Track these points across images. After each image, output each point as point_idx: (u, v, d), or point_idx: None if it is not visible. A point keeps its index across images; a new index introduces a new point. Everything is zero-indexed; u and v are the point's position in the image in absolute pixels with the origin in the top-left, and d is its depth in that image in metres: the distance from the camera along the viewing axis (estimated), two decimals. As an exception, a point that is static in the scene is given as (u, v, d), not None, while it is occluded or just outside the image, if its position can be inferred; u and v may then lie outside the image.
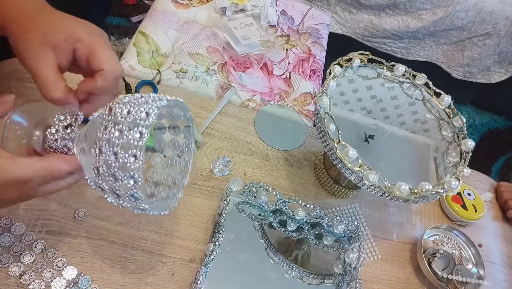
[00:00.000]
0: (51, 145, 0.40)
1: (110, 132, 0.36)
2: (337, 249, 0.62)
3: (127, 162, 0.35)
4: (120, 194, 0.38)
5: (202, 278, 0.53)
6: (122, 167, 0.35)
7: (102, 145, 0.36)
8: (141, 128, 0.35)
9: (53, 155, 0.39)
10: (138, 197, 0.37)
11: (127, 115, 0.36)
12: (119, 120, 0.36)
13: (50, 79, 0.40)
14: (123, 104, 0.37)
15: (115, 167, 0.36)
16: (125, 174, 0.36)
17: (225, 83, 0.96)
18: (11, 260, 0.50)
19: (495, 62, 1.74)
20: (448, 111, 0.66)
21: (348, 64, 0.66)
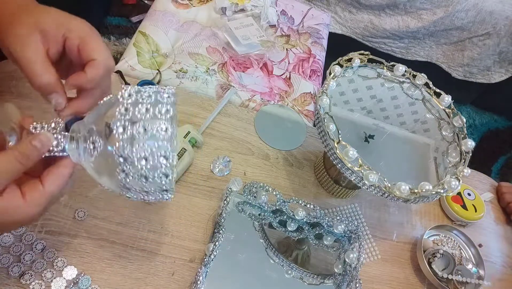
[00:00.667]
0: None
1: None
2: (337, 249, 0.62)
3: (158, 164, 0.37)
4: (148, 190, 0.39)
5: (202, 278, 0.53)
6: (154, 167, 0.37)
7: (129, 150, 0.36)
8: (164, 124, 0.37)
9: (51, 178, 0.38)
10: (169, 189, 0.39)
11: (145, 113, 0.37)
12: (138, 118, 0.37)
13: (38, 64, 0.38)
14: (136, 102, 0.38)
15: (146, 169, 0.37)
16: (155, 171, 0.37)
17: (225, 83, 0.96)
18: (11, 260, 0.50)
19: (495, 62, 1.74)
20: (448, 111, 0.66)
21: (348, 64, 0.66)
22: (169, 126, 0.37)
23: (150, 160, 0.37)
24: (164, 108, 0.38)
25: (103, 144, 0.38)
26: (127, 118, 0.37)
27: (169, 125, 0.37)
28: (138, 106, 0.38)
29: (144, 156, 0.37)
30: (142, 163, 0.37)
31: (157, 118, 0.37)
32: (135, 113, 0.37)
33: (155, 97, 0.39)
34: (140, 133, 0.37)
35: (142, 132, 0.37)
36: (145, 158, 0.37)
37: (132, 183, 0.38)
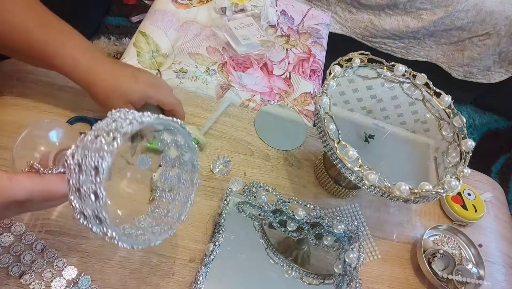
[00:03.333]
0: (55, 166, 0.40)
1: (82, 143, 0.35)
2: (337, 249, 0.62)
3: (90, 176, 0.33)
4: (87, 214, 0.34)
5: (202, 278, 0.53)
6: (85, 180, 0.33)
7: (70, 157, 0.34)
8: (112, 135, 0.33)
9: (52, 176, 0.38)
10: (103, 220, 0.34)
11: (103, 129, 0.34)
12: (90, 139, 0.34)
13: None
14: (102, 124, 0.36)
15: (79, 180, 0.33)
16: (88, 188, 0.33)
17: (225, 83, 0.96)
18: (11, 260, 0.50)
19: (495, 62, 1.74)
20: (448, 111, 0.66)
21: (348, 64, 0.66)
22: (118, 138, 0.33)
23: (83, 169, 0.33)
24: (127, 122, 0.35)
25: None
26: (93, 128, 0.35)
27: (119, 137, 0.33)
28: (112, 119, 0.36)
29: (78, 162, 0.33)
30: (76, 169, 0.33)
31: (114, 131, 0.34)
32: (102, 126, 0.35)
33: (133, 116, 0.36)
34: (89, 140, 0.34)
35: (91, 139, 0.34)
36: (78, 164, 0.33)
37: (74, 198, 0.34)
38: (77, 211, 0.35)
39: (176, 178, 0.48)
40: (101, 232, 0.35)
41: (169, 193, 0.48)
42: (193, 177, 0.47)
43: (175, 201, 0.47)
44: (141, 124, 0.35)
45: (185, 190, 0.47)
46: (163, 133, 0.47)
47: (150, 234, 0.44)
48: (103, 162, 0.32)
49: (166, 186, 0.49)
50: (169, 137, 0.47)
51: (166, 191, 0.48)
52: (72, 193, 0.34)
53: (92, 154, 0.33)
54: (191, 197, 0.46)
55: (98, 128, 0.35)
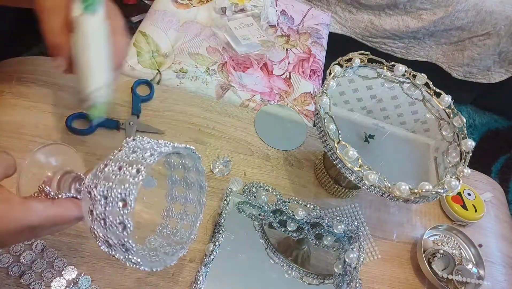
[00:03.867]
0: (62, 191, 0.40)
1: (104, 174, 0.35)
2: (337, 249, 0.62)
3: (116, 207, 0.33)
4: (112, 243, 0.35)
5: (202, 278, 0.53)
6: (111, 211, 0.34)
7: (93, 188, 0.35)
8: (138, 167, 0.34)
9: (65, 201, 0.38)
10: (130, 248, 0.35)
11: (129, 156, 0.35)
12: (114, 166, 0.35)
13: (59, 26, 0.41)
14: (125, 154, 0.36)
15: (105, 211, 0.34)
16: (114, 219, 0.34)
17: (225, 83, 0.96)
18: (11, 260, 0.50)
19: (495, 62, 1.74)
20: (448, 111, 0.66)
21: (348, 64, 0.66)
22: (142, 171, 0.34)
23: (109, 200, 0.34)
24: (148, 154, 0.36)
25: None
26: (112, 158, 0.36)
27: (143, 170, 0.34)
28: (130, 149, 0.37)
29: (104, 194, 0.34)
30: (102, 201, 0.34)
31: (137, 162, 0.35)
32: (122, 156, 0.36)
33: (151, 146, 0.37)
34: (112, 172, 0.35)
35: (114, 171, 0.35)
36: (104, 196, 0.34)
37: (97, 227, 0.35)
38: (101, 240, 0.35)
39: (183, 198, 0.48)
40: (124, 258, 0.36)
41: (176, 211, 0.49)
42: (201, 197, 0.47)
43: (183, 221, 0.48)
44: (161, 154, 0.36)
45: (193, 209, 0.48)
46: (171, 156, 0.47)
47: (163, 254, 0.44)
48: (130, 195, 0.33)
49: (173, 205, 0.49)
50: (177, 160, 0.47)
51: (174, 211, 0.49)
52: (96, 222, 0.35)
53: (117, 186, 0.34)
54: (199, 216, 0.47)
55: (118, 159, 0.35)
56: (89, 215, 0.35)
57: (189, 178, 0.47)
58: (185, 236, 0.47)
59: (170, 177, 0.49)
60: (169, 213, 0.49)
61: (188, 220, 0.48)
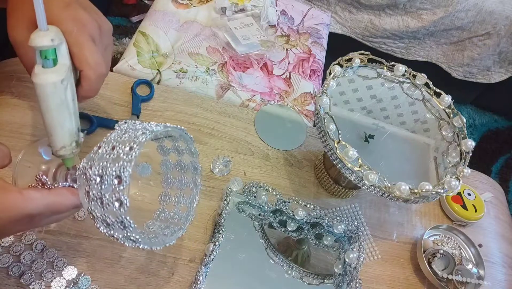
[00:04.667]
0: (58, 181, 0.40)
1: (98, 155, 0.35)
2: (337, 249, 0.62)
3: (112, 184, 0.34)
4: (110, 222, 0.36)
5: (202, 278, 0.53)
6: (107, 189, 0.34)
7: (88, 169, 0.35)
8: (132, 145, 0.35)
9: (61, 189, 0.38)
10: (128, 225, 0.35)
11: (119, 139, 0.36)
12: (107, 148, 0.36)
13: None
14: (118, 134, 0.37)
15: (101, 190, 0.34)
16: (111, 197, 0.34)
17: (225, 83, 0.96)
18: (11, 260, 0.50)
19: (495, 62, 1.74)
20: (448, 111, 0.66)
21: (348, 64, 0.66)
22: (135, 148, 0.34)
23: (104, 178, 0.34)
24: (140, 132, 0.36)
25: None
26: (105, 140, 0.36)
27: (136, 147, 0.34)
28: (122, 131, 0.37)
29: (99, 173, 0.34)
30: (97, 180, 0.34)
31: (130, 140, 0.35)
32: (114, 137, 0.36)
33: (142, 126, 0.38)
34: (106, 152, 0.35)
35: (108, 151, 0.35)
36: (99, 175, 0.34)
37: (94, 208, 0.36)
38: (99, 220, 0.36)
39: (178, 182, 0.49)
40: (123, 237, 0.36)
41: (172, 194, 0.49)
42: (196, 179, 0.48)
43: (179, 204, 0.49)
44: (152, 134, 0.37)
45: (189, 192, 0.48)
46: (163, 140, 0.47)
47: (162, 236, 0.45)
48: (124, 171, 0.34)
49: (169, 191, 0.50)
50: (169, 144, 0.48)
51: (170, 195, 0.49)
52: (93, 203, 0.35)
53: (111, 164, 0.34)
54: (196, 197, 0.48)
55: (111, 140, 0.36)
56: (86, 197, 0.36)
57: (183, 161, 0.48)
58: (183, 218, 0.48)
59: (164, 162, 0.49)
60: (165, 198, 0.49)
61: (185, 202, 0.48)
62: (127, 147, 0.35)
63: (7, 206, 0.34)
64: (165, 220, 0.48)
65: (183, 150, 0.47)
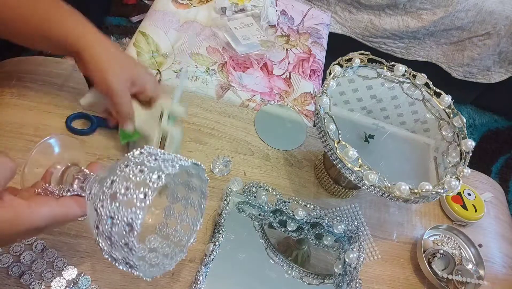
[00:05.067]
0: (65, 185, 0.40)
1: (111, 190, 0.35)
2: (337, 249, 0.62)
3: (122, 230, 0.34)
4: (116, 257, 0.36)
5: (202, 278, 0.53)
6: (117, 232, 0.34)
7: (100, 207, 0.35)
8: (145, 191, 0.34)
9: (69, 201, 0.39)
10: (133, 265, 0.36)
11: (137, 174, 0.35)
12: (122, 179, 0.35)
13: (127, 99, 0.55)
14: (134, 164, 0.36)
15: (111, 232, 0.34)
16: (120, 240, 0.34)
17: (225, 83, 0.96)
18: (11, 260, 0.50)
19: (495, 62, 1.74)
20: (448, 111, 0.66)
21: (348, 64, 0.66)
22: (149, 195, 0.34)
23: (115, 222, 0.34)
24: (155, 176, 0.35)
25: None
26: (121, 174, 0.35)
27: (150, 193, 0.34)
28: (137, 166, 0.36)
29: (110, 215, 0.34)
30: (108, 221, 0.34)
31: (144, 184, 0.34)
32: (128, 174, 0.35)
33: (157, 165, 0.36)
34: (119, 192, 0.34)
35: (121, 191, 0.34)
36: (111, 217, 0.34)
37: (102, 241, 0.36)
38: (105, 251, 0.36)
39: (184, 200, 0.49)
40: (127, 269, 0.37)
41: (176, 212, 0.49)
42: (201, 202, 0.48)
43: (183, 222, 0.48)
44: (168, 177, 0.35)
45: (193, 213, 0.48)
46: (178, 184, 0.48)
47: (162, 256, 0.45)
48: (137, 219, 0.33)
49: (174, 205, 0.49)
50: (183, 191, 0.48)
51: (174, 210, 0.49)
52: (101, 237, 0.35)
53: (124, 208, 0.34)
54: (199, 221, 0.48)
55: (126, 177, 0.35)
56: (95, 229, 0.36)
57: (191, 183, 0.48)
58: (184, 239, 0.47)
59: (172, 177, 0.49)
60: (169, 212, 0.49)
61: (188, 221, 0.48)
62: (141, 193, 0.34)
63: (16, 222, 0.35)
64: (167, 236, 0.48)
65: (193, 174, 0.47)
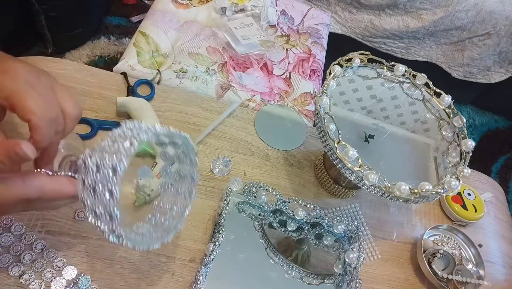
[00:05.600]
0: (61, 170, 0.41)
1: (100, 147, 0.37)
2: (337, 249, 0.62)
3: (106, 175, 0.35)
4: (99, 212, 0.37)
5: (202, 278, 0.53)
6: (101, 179, 0.35)
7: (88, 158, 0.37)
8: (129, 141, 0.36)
9: (61, 177, 0.39)
10: (114, 217, 0.36)
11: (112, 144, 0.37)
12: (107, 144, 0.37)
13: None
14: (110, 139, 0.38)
15: (96, 179, 0.36)
16: (103, 186, 0.35)
17: (225, 83, 0.96)
18: (11, 260, 0.50)
19: (495, 62, 1.74)
20: (448, 111, 0.66)
21: (348, 64, 0.66)
22: (135, 143, 0.36)
23: (101, 169, 0.35)
24: (143, 131, 0.38)
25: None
26: (110, 135, 0.38)
27: (136, 143, 0.36)
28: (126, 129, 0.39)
29: (96, 163, 0.36)
30: (94, 169, 0.36)
31: (131, 137, 0.37)
32: (118, 133, 0.38)
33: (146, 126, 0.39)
34: (107, 145, 0.37)
35: (109, 144, 0.37)
36: (96, 165, 0.36)
37: (87, 196, 0.36)
38: (89, 208, 0.37)
39: (175, 190, 0.50)
40: (109, 230, 0.37)
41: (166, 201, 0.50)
42: (191, 189, 0.49)
43: (172, 211, 0.49)
44: (155, 135, 0.39)
45: (183, 201, 0.49)
46: (167, 146, 0.48)
47: (149, 239, 0.46)
48: (120, 164, 0.35)
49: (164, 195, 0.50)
50: (172, 150, 0.49)
51: (165, 200, 0.50)
52: (86, 191, 0.36)
53: (110, 156, 0.36)
54: (188, 207, 0.49)
55: (114, 135, 0.38)
56: (81, 185, 0.37)
57: (182, 171, 0.49)
58: (172, 225, 0.48)
59: (164, 168, 0.51)
60: (160, 203, 0.50)
61: (177, 210, 0.49)
62: (127, 141, 0.36)
63: (8, 192, 0.35)
64: (155, 224, 0.49)
65: (184, 159, 0.48)
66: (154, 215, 0.50)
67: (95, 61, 1.52)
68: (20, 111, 0.35)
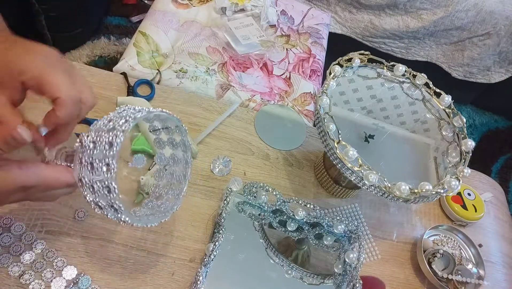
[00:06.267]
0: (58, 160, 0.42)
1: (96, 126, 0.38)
2: (337, 249, 0.62)
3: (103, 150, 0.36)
4: (96, 188, 0.37)
5: (202, 278, 0.53)
6: (98, 154, 0.36)
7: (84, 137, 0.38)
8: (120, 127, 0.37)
9: (58, 166, 0.40)
10: (112, 190, 0.36)
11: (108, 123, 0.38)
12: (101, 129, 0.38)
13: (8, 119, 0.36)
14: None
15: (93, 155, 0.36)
16: (100, 161, 0.36)
17: (225, 83, 0.96)
18: (11, 260, 0.50)
19: (495, 62, 1.74)
20: (448, 111, 0.66)
21: (348, 64, 0.66)
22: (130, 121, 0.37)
23: (97, 145, 0.36)
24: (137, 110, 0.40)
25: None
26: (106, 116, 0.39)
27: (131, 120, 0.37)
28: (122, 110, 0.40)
29: (93, 140, 0.37)
30: (90, 146, 0.36)
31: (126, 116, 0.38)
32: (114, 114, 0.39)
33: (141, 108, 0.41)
34: (103, 124, 0.38)
35: (105, 123, 0.38)
36: (93, 141, 0.36)
37: (84, 173, 0.37)
38: (87, 185, 0.37)
39: (170, 175, 0.51)
40: (107, 204, 0.38)
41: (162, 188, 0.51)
42: (186, 171, 0.50)
43: (168, 195, 0.50)
44: (149, 113, 0.40)
45: (178, 185, 0.50)
46: (160, 133, 0.49)
47: (146, 220, 0.47)
48: (116, 138, 0.36)
49: (160, 183, 0.51)
50: (165, 136, 0.50)
51: (160, 187, 0.51)
52: (84, 169, 0.37)
53: (106, 133, 0.36)
54: (183, 189, 0.49)
55: (110, 116, 0.39)
56: (78, 164, 0.37)
57: (176, 155, 0.50)
58: (169, 207, 0.49)
59: (159, 156, 0.51)
60: (156, 189, 0.51)
61: (173, 193, 0.50)
62: (122, 119, 0.37)
63: (6, 179, 0.36)
64: (152, 208, 0.50)
65: (177, 143, 0.50)
66: (151, 200, 0.51)
67: (95, 61, 1.52)
68: (49, 89, 0.37)
